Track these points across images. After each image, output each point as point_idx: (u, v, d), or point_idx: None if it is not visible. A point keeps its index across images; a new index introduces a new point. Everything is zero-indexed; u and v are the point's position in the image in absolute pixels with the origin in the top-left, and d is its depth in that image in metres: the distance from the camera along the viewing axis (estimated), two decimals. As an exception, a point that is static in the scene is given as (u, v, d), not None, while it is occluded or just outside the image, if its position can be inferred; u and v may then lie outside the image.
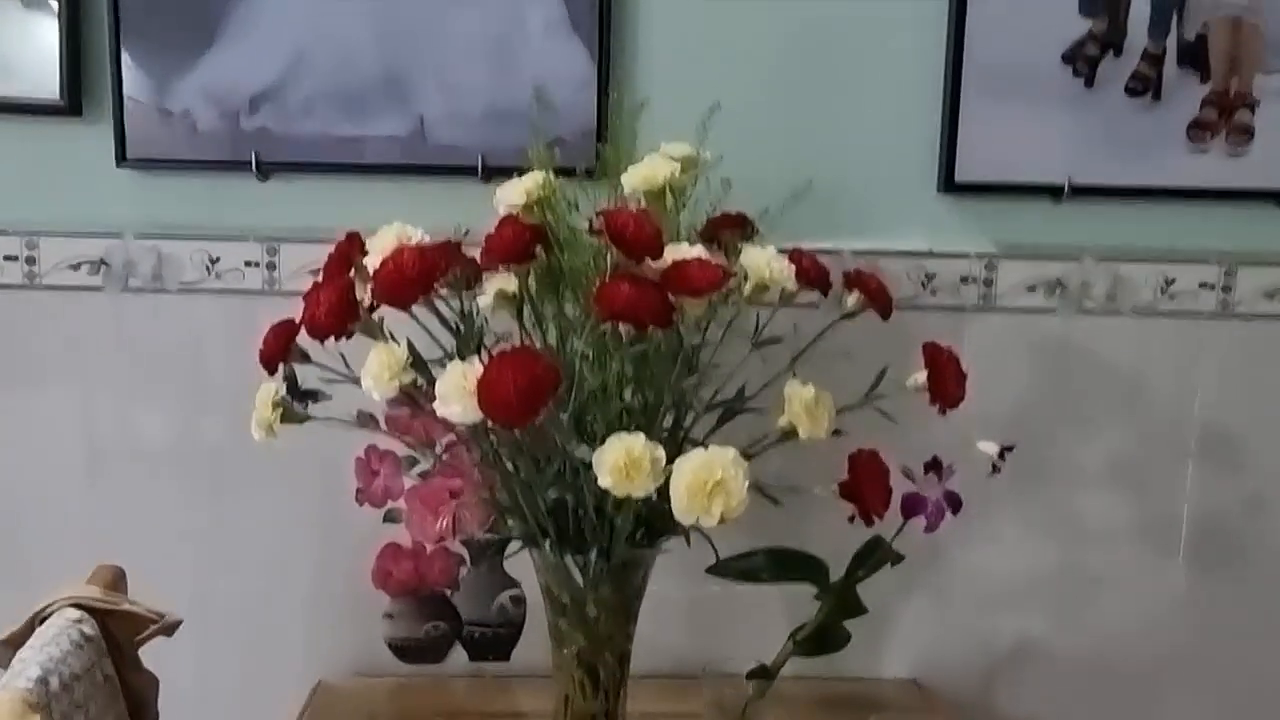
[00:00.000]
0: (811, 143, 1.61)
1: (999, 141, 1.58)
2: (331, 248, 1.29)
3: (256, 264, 1.65)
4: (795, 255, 1.25)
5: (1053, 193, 1.59)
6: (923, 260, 1.62)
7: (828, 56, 1.60)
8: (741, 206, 1.42)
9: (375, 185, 1.63)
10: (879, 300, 1.30)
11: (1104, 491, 1.68)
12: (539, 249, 1.20)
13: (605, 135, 1.58)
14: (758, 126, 1.59)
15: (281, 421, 1.27)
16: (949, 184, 1.59)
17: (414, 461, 1.49)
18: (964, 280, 1.63)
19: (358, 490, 1.52)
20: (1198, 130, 1.58)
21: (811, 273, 1.24)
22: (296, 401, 1.35)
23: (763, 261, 1.17)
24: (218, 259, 1.65)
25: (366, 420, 1.38)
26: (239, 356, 1.35)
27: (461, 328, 1.27)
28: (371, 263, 1.19)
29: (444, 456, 1.35)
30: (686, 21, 1.60)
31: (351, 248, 1.29)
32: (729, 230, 1.40)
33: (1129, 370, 1.65)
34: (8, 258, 1.65)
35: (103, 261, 1.65)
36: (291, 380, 1.35)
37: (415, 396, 1.20)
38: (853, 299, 1.31)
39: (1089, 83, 1.57)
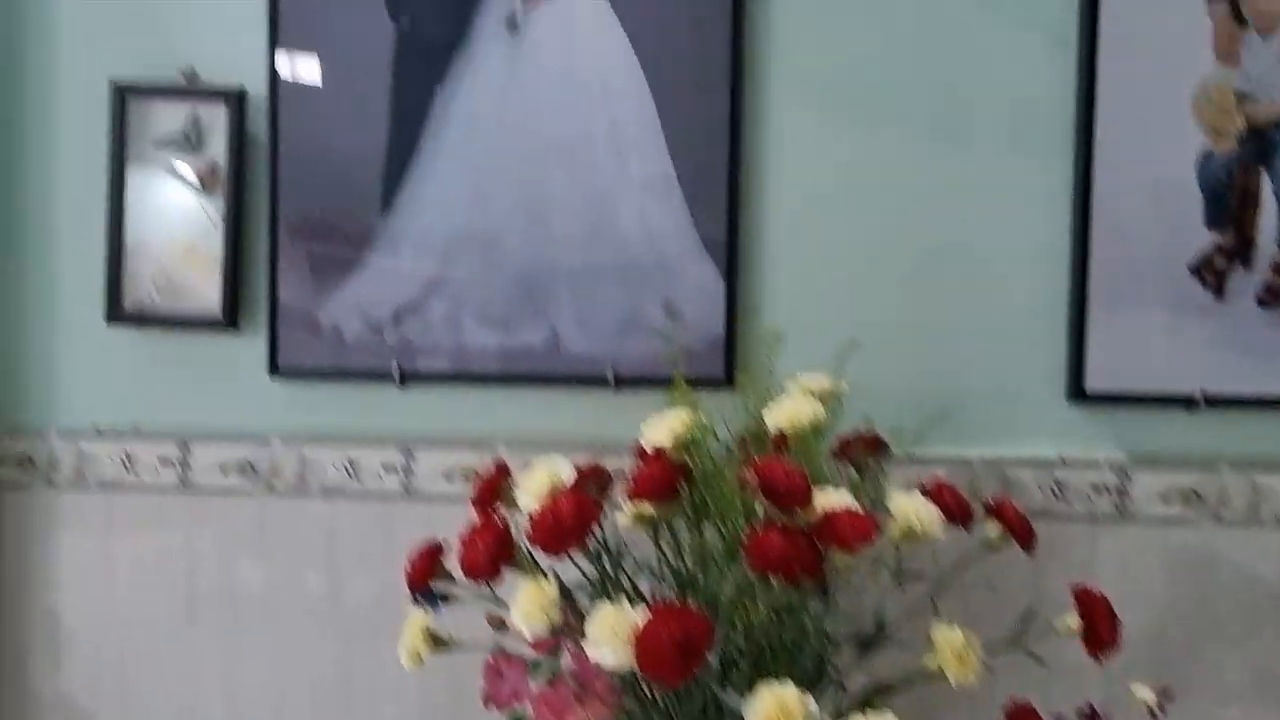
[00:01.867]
0: (938, 351, 1.63)
1: (1128, 351, 1.59)
2: (471, 461, 1.34)
3: (394, 469, 1.71)
4: (937, 490, 1.26)
5: (1186, 402, 1.58)
6: (1053, 469, 1.62)
7: (954, 266, 1.63)
8: (869, 413, 1.45)
9: (510, 393, 1.69)
10: (1020, 532, 1.30)
11: (1252, 708, 1.62)
12: (683, 486, 1.23)
13: (735, 346, 1.63)
14: (884, 335, 1.62)
15: (430, 650, 1.30)
16: (1078, 392, 1.59)
17: (540, 665, 1.50)
18: (1096, 489, 1.61)
19: (485, 694, 1.54)
20: (1333, 341, 1.57)
21: (955, 509, 1.25)
22: (430, 604, 1.38)
23: (911, 510, 1.18)
24: (357, 464, 1.71)
25: (498, 624, 1.40)
26: (375, 561, 1.40)
27: (604, 556, 1.30)
28: (525, 502, 1.23)
29: (573, 666, 1.36)
30: (813, 237, 1.65)
31: (500, 478, 1.34)
32: (862, 449, 1.42)
33: (1273, 582, 1.61)
34: (163, 461, 1.74)
35: (250, 465, 1.73)
36: (430, 594, 1.39)
37: (564, 631, 1.23)
38: (993, 531, 1.31)
39: (1218, 293, 1.57)
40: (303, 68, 1.70)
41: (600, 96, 1.67)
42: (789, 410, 1.24)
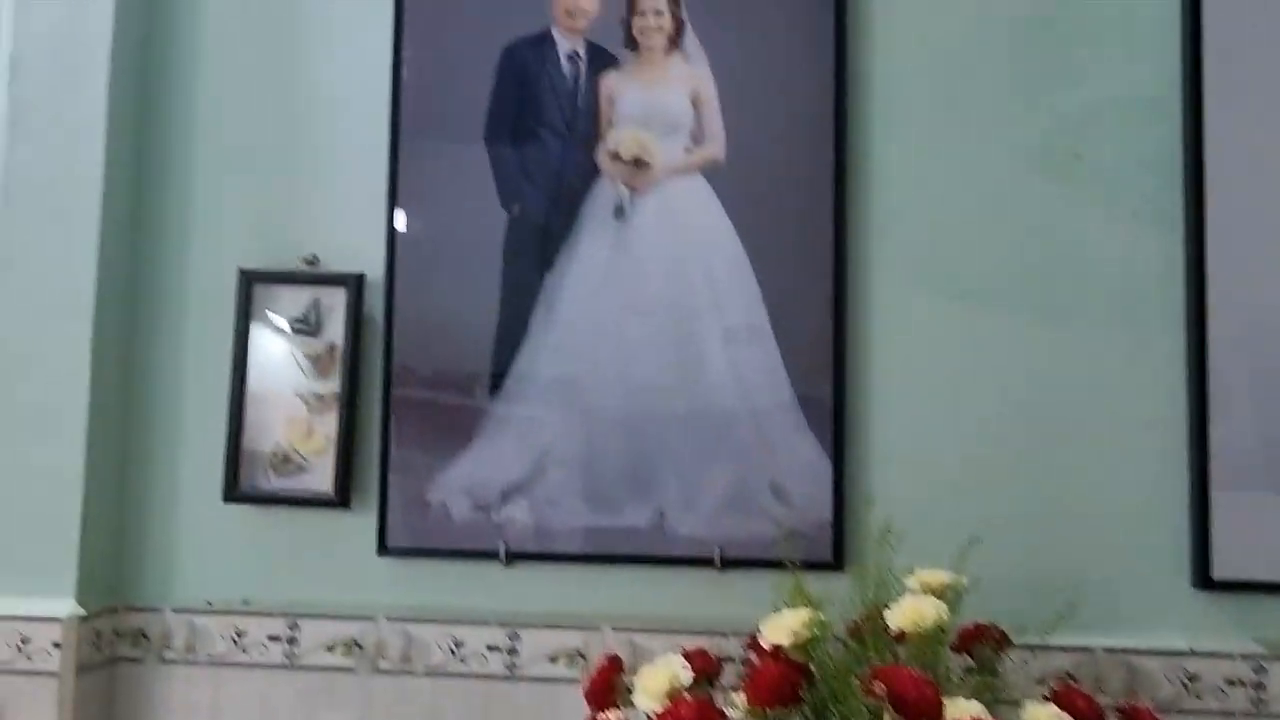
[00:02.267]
0: (1056, 537, 1.60)
1: (1256, 536, 1.53)
2: (576, 643, 1.33)
3: (499, 648, 1.70)
4: (1068, 696, 1.21)
5: (1322, 592, 1.52)
6: (1182, 660, 1.55)
7: (1068, 449, 1.61)
8: (984, 600, 1.41)
9: (615, 574, 1.69)
10: (1158, 741, 1.24)
11: None
12: (804, 689, 1.20)
13: (843, 530, 1.61)
14: (999, 522, 1.59)
15: None
16: (1205, 580, 1.54)
17: None
18: (1230, 683, 1.54)
19: None
20: None
21: (1089, 716, 1.20)
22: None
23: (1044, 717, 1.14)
24: (462, 643, 1.71)
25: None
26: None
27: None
28: (643, 703, 1.22)
29: None
30: (920, 419, 1.65)
31: (613, 672, 1.33)
32: (984, 643, 1.38)
33: None
34: (271, 638, 1.75)
35: (356, 643, 1.74)
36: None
37: None
38: (1129, 741, 1.25)
39: (1348, 479, 1.53)
40: (418, 254, 1.77)
41: (704, 280, 1.71)
42: (912, 611, 1.22)
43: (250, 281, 1.79)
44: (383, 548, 1.73)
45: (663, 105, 1.74)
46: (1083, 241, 1.63)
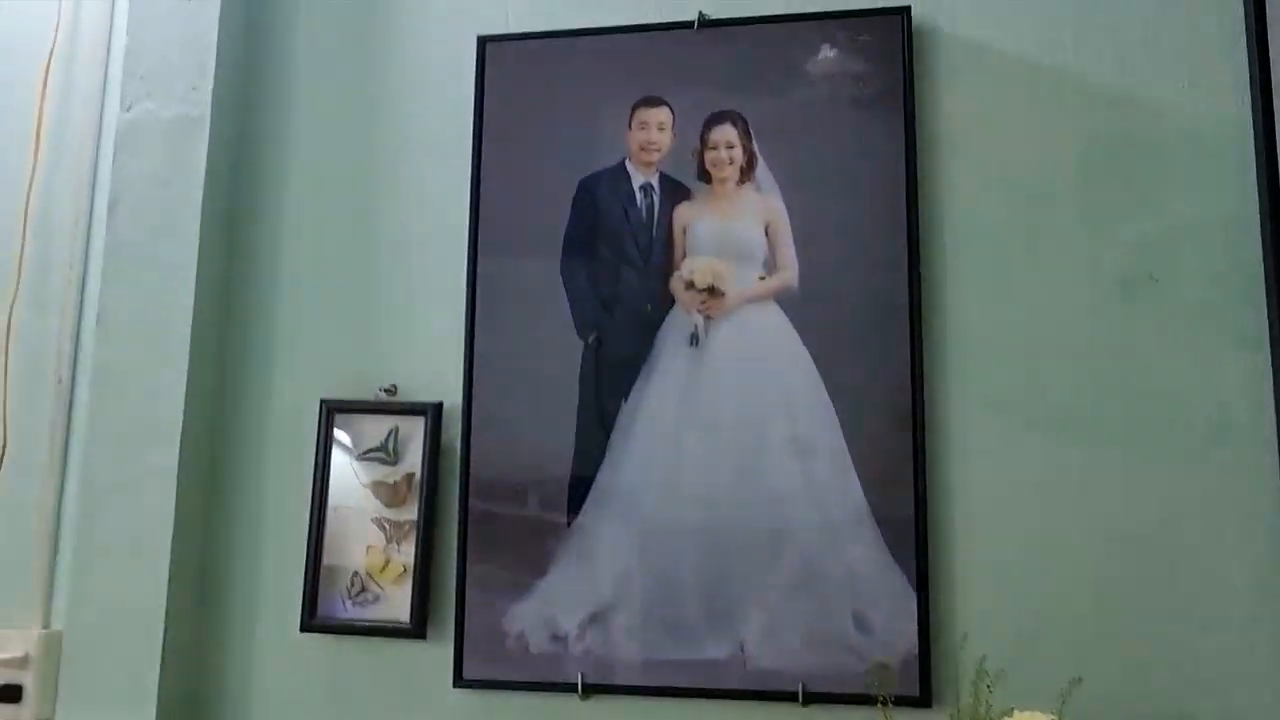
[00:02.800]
0: (1156, 673, 1.54)
1: (1368, 672, 1.46)
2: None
3: (577, 785, 1.66)
4: None
5: None
6: (1296, 803, 1.47)
7: (1162, 584, 1.56)
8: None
9: (694, 707, 1.65)
10: None
11: None
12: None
13: (930, 664, 1.57)
14: (1094, 658, 1.54)
15: None
16: (1317, 719, 1.46)
17: None
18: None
19: None
20: None
21: None
22: None
23: None
24: (539, 778, 1.68)
25: None
26: None
27: None
28: None
29: None
30: (1001, 540, 1.61)
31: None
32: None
33: None
34: (347, 772, 1.73)
35: (432, 780, 1.71)
36: None
37: None
38: None
39: None
40: (496, 383, 1.79)
41: (781, 404, 1.70)
42: (1018, 754, 1.17)
43: (331, 412, 1.82)
44: (459, 679, 1.71)
45: (736, 234, 1.77)
46: (1164, 367, 1.61)
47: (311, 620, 1.76)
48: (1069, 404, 1.63)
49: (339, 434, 1.81)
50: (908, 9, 1.75)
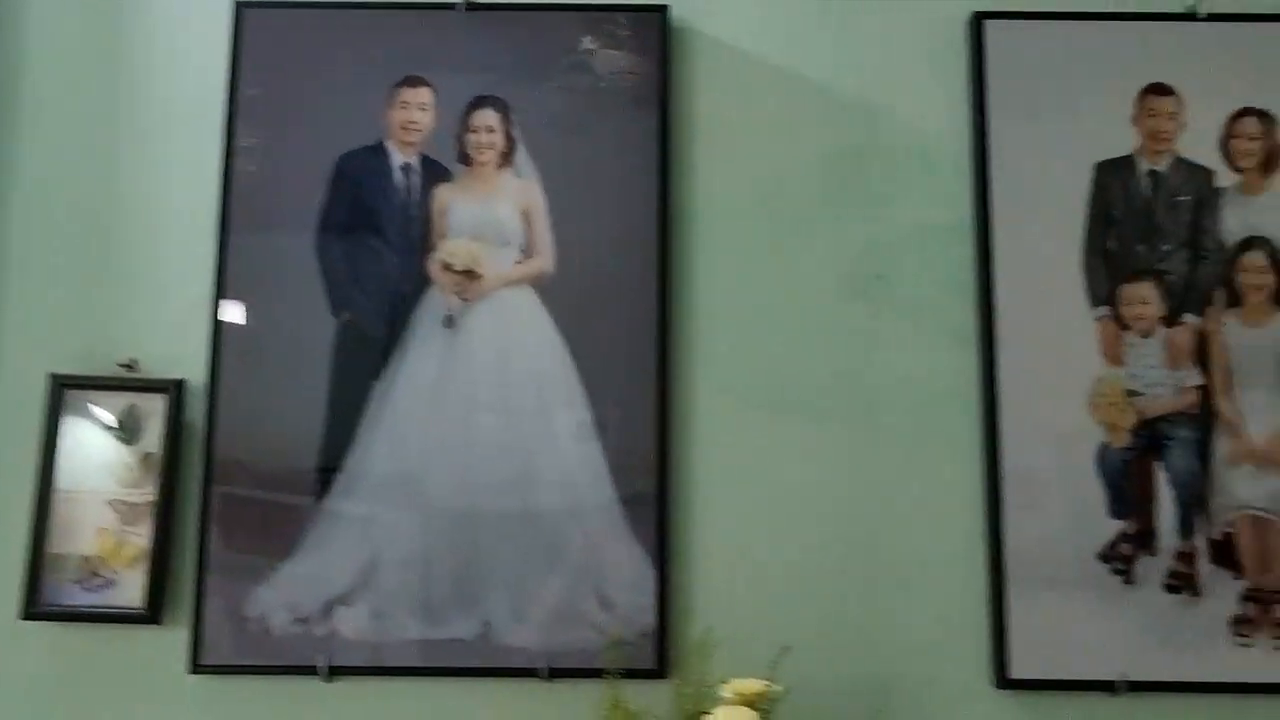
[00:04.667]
0: (867, 644, 1.66)
1: (1049, 637, 1.63)
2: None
3: (318, 768, 1.65)
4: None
5: (1107, 687, 1.62)
6: (986, 757, 1.63)
7: (877, 558, 1.69)
8: (802, 706, 1.46)
9: (440, 686, 1.66)
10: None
11: None
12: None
13: (666, 638, 1.64)
14: (811, 629, 1.65)
15: None
16: (1003, 680, 1.62)
17: None
18: (1030, 778, 1.62)
19: None
20: (1241, 625, 1.63)
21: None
22: None
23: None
24: (280, 764, 1.65)
25: None
26: None
27: None
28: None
29: None
30: (739, 531, 1.70)
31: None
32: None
33: None
34: (72, 765, 1.65)
35: (164, 768, 1.65)
36: None
37: None
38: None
39: (1128, 579, 1.64)
40: (243, 358, 1.74)
41: (532, 387, 1.73)
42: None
43: (61, 387, 1.72)
44: (196, 664, 1.66)
45: (494, 218, 1.78)
46: (887, 357, 1.74)
47: (33, 607, 1.67)
48: (802, 390, 1.73)
49: (71, 410, 1.72)
50: (665, 8, 1.81)
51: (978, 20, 1.79)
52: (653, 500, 1.69)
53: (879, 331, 1.75)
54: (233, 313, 1.75)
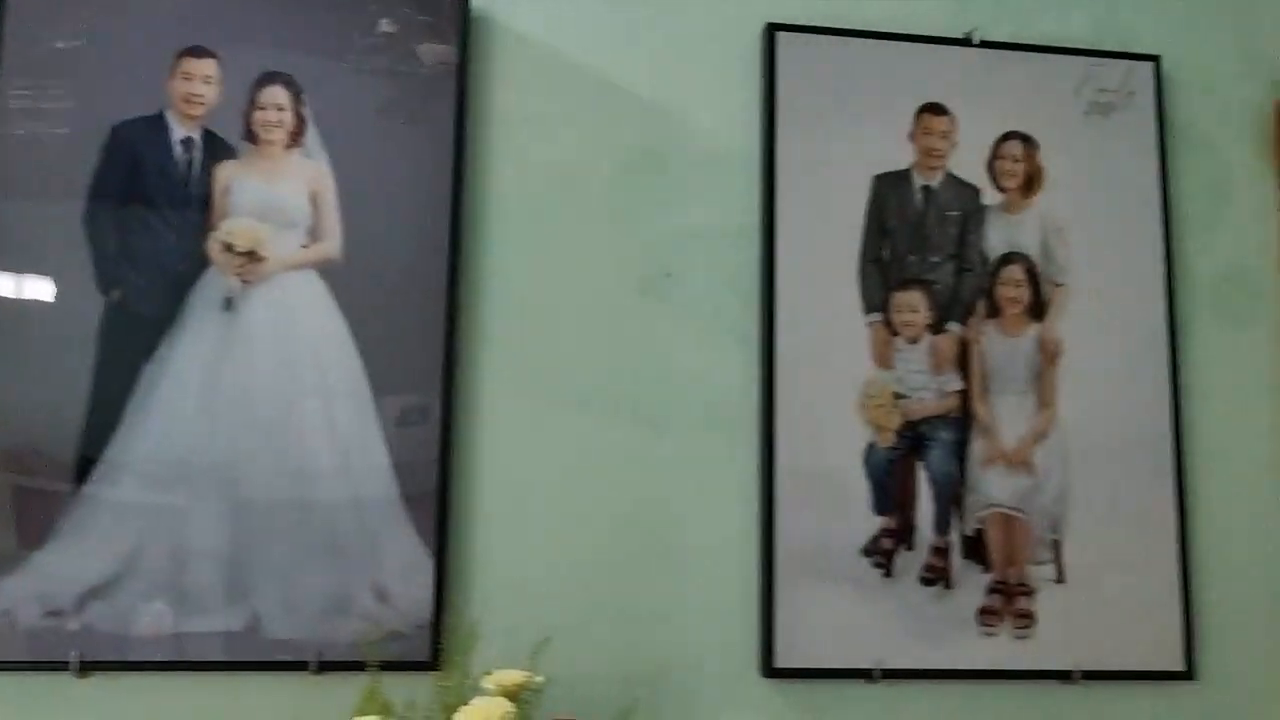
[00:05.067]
0: (643, 633, 1.70)
1: (813, 627, 1.70)
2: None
3: (67, 769, 1.57)
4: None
5: (865, 675, 1.70)
6: (751, 745, 1.69)
7: (658, 550, 1.72)
8: (578, 695, 1.48)
9: (205, 681, 1.61)
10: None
11: None
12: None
13: (441, 630, 1.63)
14: (592, 618, 1.68)
15: None
16: (769, 669, 1.68)
17: None
18: (793, 764, 1.69)
19: None
20: (986, 616, 1.74)
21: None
22: None
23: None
24: (23, 767, 1.56)
25: None
26: None
27: None
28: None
29: None
30: (520, 512, 1.71)
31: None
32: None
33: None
34: None
35: (-109, 772, 1.54)
36: None
37: None
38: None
39: (888, 573, 1.73)
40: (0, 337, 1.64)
41: (314, 375, 1.69)
42: (478, 713, 1.25)
43: None
44: (-71, 652, 1.55)
45: (280, 200, 1.73)
46: (673, 355, 1.78)
47: None
48: (589, 385, 1.75)
49: None
50: (467, -5, 1.80)
51: (771, 32, 1.85)
52: (434, 492, 1.67)
53: (666, 329, 1.79)
54: (-12, 285, 1.64)
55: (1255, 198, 1.96)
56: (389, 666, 1.57)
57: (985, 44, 1.90)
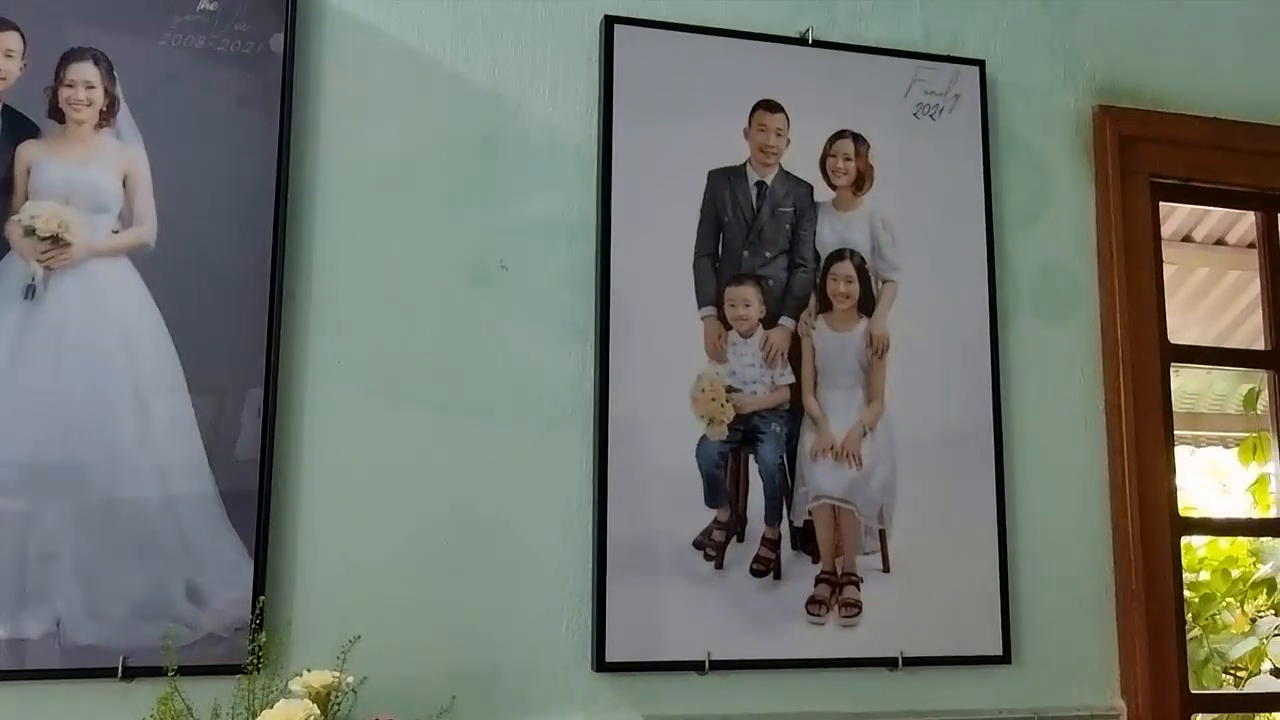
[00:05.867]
0: (475, 629, 1.67)
1: (644, 620, 1.70)
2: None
3: None
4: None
5: (696, 667, 1.71)
6: (590, 740, 1.68)
7: (487, 544, 1.70)
8: (394, 701, 1.45)
9: (3, 690, 1.51)
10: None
11: None
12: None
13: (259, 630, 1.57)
14: (419, 616, 1.65)
15: None
16: (601, 664, 1.68)
17: None
18: (624, 758, 1.69)
19: None
20: (814, 606, 1.77)
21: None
22: None
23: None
24: None
25: None
26: None
27: None
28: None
29: None
30: (346, 508, 1.66)
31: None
32: (381, 740, 1.40)
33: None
34: None
35: None
36: None
37: None
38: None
39: (719, 565, 1.75)
40: None
41: (125, 368, 1.61)
42: (281, 714, 1.21)
43: None
44: None
45: (89, 182, 1.64)
46: (508, 347, 1.75)
47: None
48: (420, 378, 1.72)
49: None
50: (293, -26, 1.74)
51: (609, 24, 1.84)
52: (254, 491, 1.61)
53: (500, 321, 1.76)
54: None
55: (1074, 198, 2.04)
56: (202, 670, 1.51)
57: (819, 44, 1.93)
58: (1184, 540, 2.05)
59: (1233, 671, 3.37)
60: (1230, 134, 2.11)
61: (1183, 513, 2.04)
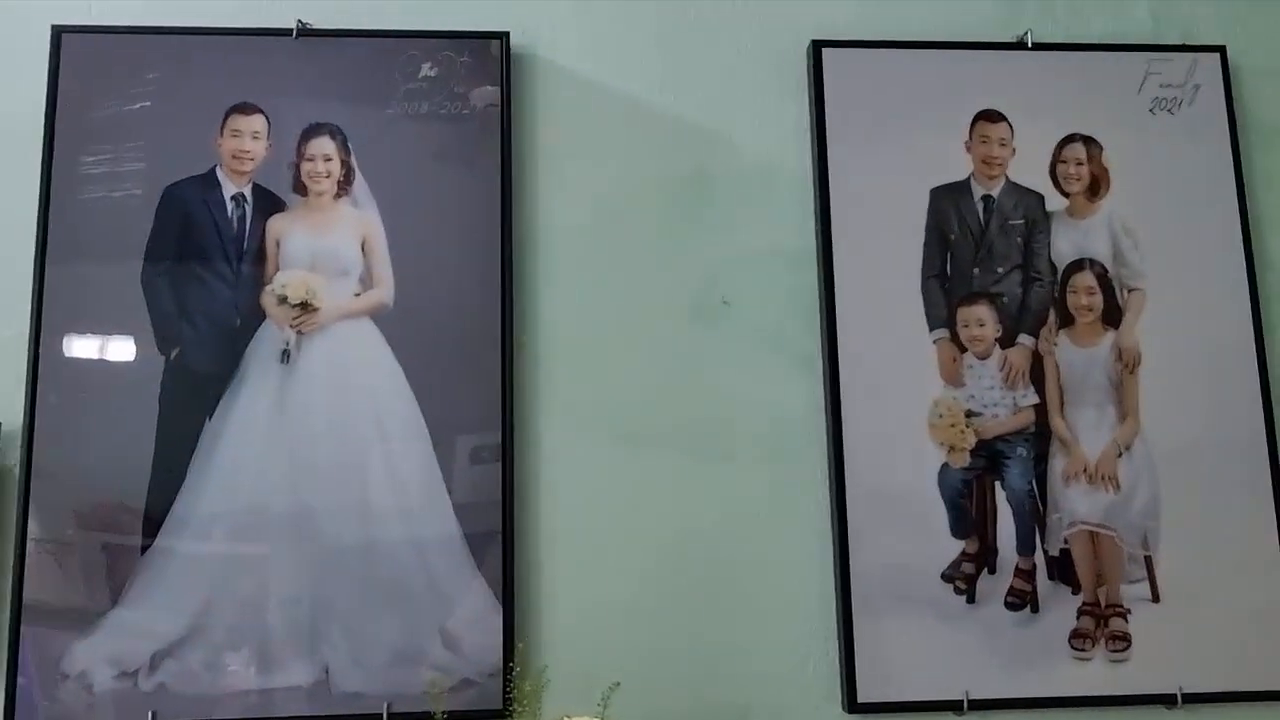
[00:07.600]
0: (716, 672, 1.64)
1: (894, 658, 1.64)
2: None
3: (147, 832, 1.56)
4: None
5: (953, 707, 1.63)
6: (838, 781, 1.62)
7: (726, 584, 1.67)
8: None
9: (278, 737, 1.59)
10: None
11: None
12: None
13: (511, 677, 1.59)
14: (664, 659, 1.63)
15: None
16: (852, 704, 1.62)
17: None
18: (881, 801, 1.61)
19: None
20: (1078, 639, 1.66)
21: None
22: None
23: None
24: (101, 829, 1.55)
25: None
26: None
27: None
28: None
29: None
30: (584, 555, 1.67)
31: None
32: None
33: None
34: None
35: (-26, 840, 1.54)
36: None
37: None
38: None
39: (970, 598, 1.66)
40: (65, 400, 1.65)
41: (372, 423, 1.68)
42: (552, 762, 1.21)
43: None
44: (6, 738, 1.56)
45: (331, 249, 1.73)
46: (732, 383, 1.73)
47: None
48: (649, 418, 1.72)
49: None
50: (506, 34, 1.78)
51: (816, 49, 1.81)
52: (498, 537, 1.65)
53: (724, 357, 1.74)
54: (52, 350, 1.66)
55: (1338, 186, 1.86)
56: (460, 716, 1.54)
57: (1039, 46, 1.84)
58: None
59: None
60: None
61: None
